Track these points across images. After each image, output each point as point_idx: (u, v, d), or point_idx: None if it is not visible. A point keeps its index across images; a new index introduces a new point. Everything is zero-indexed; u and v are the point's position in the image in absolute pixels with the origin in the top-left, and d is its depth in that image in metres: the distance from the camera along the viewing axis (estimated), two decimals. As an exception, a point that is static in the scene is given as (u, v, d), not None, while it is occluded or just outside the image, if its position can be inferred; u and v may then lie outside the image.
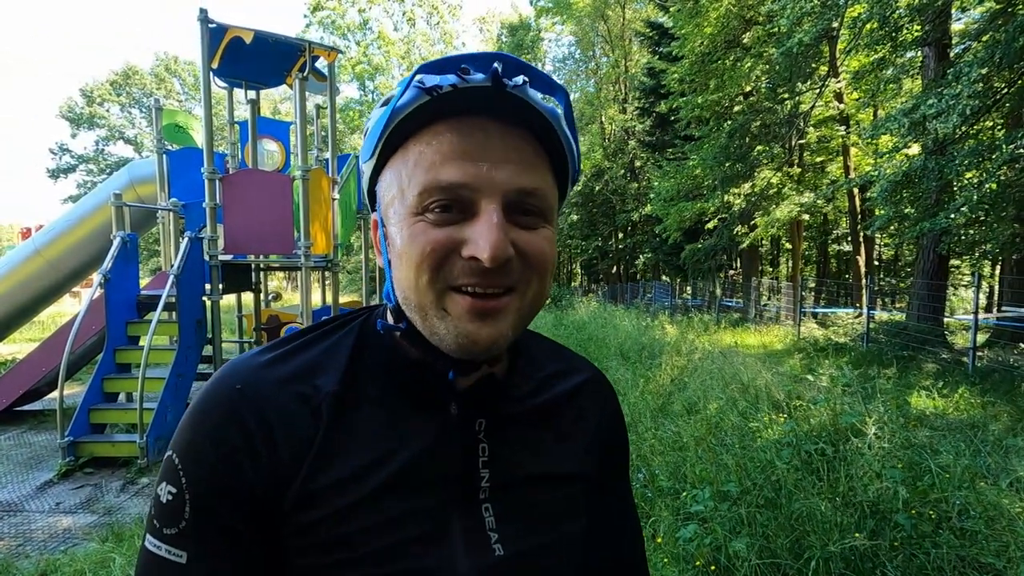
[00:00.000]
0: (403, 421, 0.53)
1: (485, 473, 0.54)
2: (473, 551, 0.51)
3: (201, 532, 0.47)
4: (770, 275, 22.48)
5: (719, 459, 3.25)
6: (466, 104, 0.46)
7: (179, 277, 5.18)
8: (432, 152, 0.46)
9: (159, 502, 0.49)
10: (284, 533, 0.49)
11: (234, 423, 0.48)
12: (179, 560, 0.47)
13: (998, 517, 2.61)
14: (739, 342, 10.49)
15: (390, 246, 0.51)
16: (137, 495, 4.19)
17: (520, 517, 0.55)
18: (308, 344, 0.55)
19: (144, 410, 4.66)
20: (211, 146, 5.43)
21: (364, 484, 0.50)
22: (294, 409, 0.50)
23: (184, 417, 0.51)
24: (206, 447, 0.48)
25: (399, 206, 0.49)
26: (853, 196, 14.19)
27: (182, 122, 8.06)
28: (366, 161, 0.52)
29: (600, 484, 0.64)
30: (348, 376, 0.53)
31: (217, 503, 0.47)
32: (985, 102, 7.19)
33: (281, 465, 0.49)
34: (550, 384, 0.63)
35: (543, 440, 0.59)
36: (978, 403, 5.72)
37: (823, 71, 13.19)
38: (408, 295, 0.49)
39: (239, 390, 0.50)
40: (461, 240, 0.46)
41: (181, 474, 0.48)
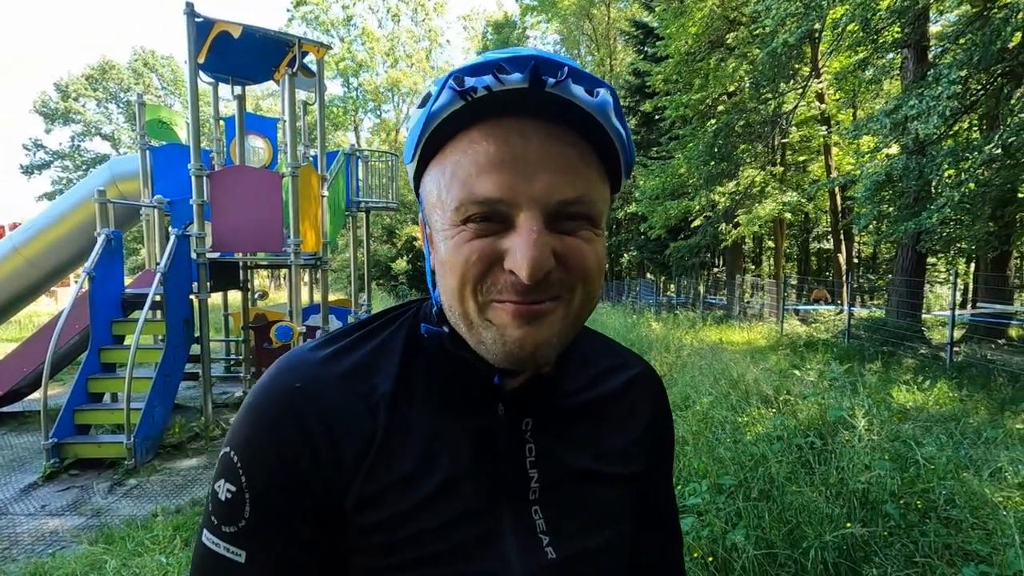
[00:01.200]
0: (452, 422, 0.52)
1: (534, 473, 0.54)
2: (526, 554, 0.51)
3: (261, 531, 0.47)
4: (753, 273, 22.78)
5: (714, 453, 3.30)
6: (504, 107, 0.43)
7: (166, 275, 5.10)
8: (468, 163, 0.44)
9: (217, 499, 0.48)
10: (344, 534, 0.49)
11: (295, 421, 0.48)
12: (238, 559, 0.47)
13: (982, 506, 2.70)
14: (724, 339, 10.62)
15: (434, 251, 0.50)
16: (126, 496, 4.12)
17: (570, 519, 0.54)
18: (361, 341, 0.55)
19: (131, 410, 4.59)
20: (198, 142, 5.35)
21: (420, 486, 0.50)
22: (352, 408, 0.50)
23: (241, 413, 0.50)
24: (266, 445, 0.47)
25: (439, 214, 0.47)
26: (834, 195, 14.44)
27: (166, 118, 7.92)
28: (408, 164, 0.51)
29: (648, 479, 0.64)
30: (401, 376, 0.53)
31: (278, 502, 0.47)
32: (963, 103, 7.37)
33: (342, 465, 0.48)
34: (602, 381, 0.62)
35: (591, 438, 0.59)
36: (956, 397, 5.88)
37: (806, 71, 13.39)
38: (452, 304, 0.48)
39: (299, 388, 0.49)
40: (502, 251, 0.44)
41: (241, 472, 0.47)
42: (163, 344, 5.26)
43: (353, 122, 37.60)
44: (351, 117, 37.11)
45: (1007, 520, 2.43)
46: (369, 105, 37.45)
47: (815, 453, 3.30)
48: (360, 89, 36.62)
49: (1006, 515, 2.50)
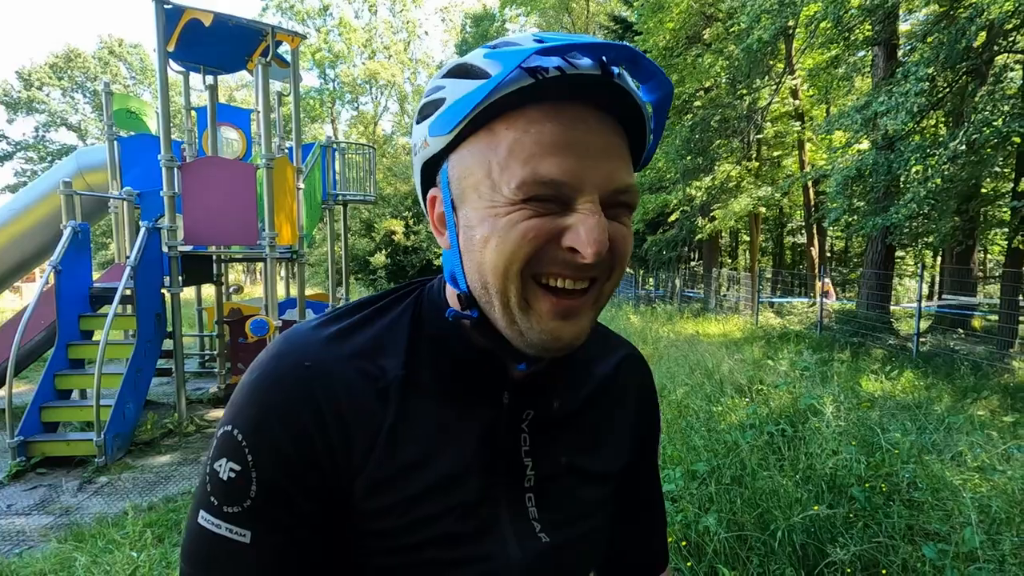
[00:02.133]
0: (459, 408, 0.53)
1: (528, 462, 0.55)
2: (522, 540, 0.53)
3: (268, 511, 0.46)
4: (729, 266, 23.14)
5: (689, 441, 3.36)
6: (568, 91, 0.44)
7: (136, 268, 4.99)
8: (531, 142, 0.44)
9: (218, 479, 0.47)
10: (353, 517, 0.49)
11: (305, 401, 0.47)
12: (242, 539, 0.46)
13: (942, 488, 2.80)
14: (701, 331, 10.79)
15: (465, 228, 0.48)
16: (96, 494, 4.03)
17: (560, 509, 0.56)
18: (367, 320, 0.54)
19: (101, 407, 4.49)
20: (168, 132, 5.23)
21: (428, 471, 0.50)
22: (362, 389, 0.49)
23: (242, 392, 0.49)
24: (275, 424, 0.47)
25: (487, 190, 0.46)
26: (808, 190, 14.73)
27: (135, 108, 7.71)
28: (439, 135, 0.47)
29: (637, 465, 0.66)
30: (410, 359, 0.52)
31: (286, 482, 0.47)
32: (931, 100, 7.58)
33: (353, 448, 0.48)
34: (592, 367, 0.63)
35: (585, 432, 0.60)
36: (921, 385, 6.08)
37: (780, 68, 13.61)
38: (490, 281, 0.47)
39: (308, 367, 0.48)
40: (561, 229, 0.44)
41: (247, 451, 0.46)
42: (134, 339, 5.14)
43: (330, 114, 37.04)
44: (328, 109, 36.55)
45: (965, 501, 2.53)
46: (346, 97, 36.92)
47: (786, 440, 3.39)
48: (337, 81, 36.07)
49: (964, 496, 2.61)
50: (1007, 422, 4.63)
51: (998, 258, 17.94)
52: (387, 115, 38.13)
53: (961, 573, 2.06)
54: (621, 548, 0.67)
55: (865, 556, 2.29)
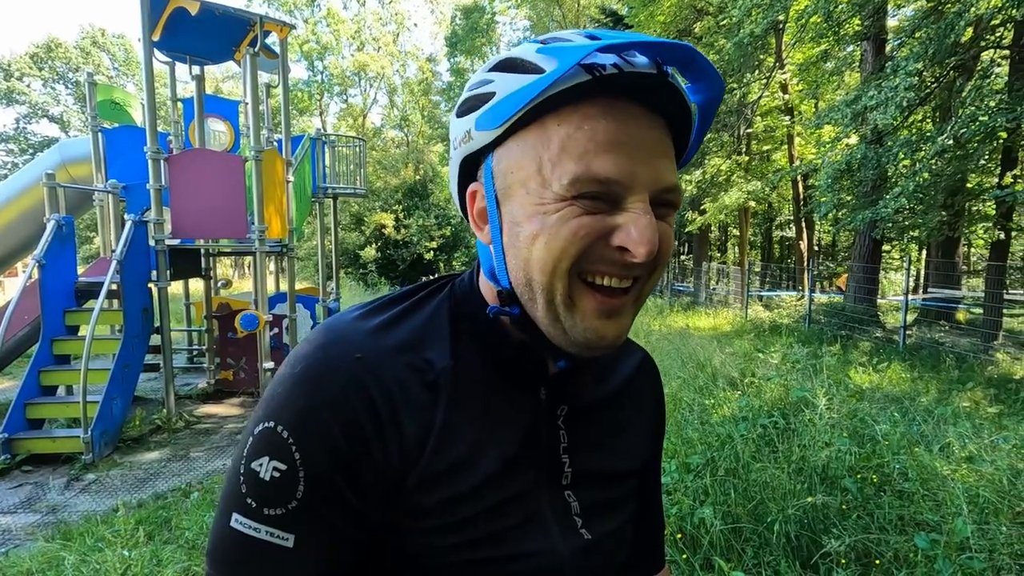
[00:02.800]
0: (503, 403, 0.52)
1: (566, 459, 0.55)
2: (568, 535, 0.53)
3: (315, 511, 0.44)
4: (719, 260, 23.28)
5: (683, 434, 3.38)
6: (622, 89, 0.44)
7: (122, 262, 4.90)
8: (584, 138, 0.43)
9: (258, 479, 0.44)
10: (404, 515, 0.48)
11: (358, 394, 0.45)
12: (284, 543, 0.44)
13: (932, 478, 2.84)
14: (691, 324, 10.86)
15: (510, 224, 0.47)
16: (84, 492, 3.98)
17: (596, 504, 0.57)
18: (408, 312, 0.53)
19: (88, 403, 4.42)
20: (154, 124, 5.13)
21: (477, 467, 0.49)
22: (411, 383, 0.48)
23: (283, 385, 0.47)
24: (326, 415, 0.44)
25: (536, 188, 0.45)
26: (797, 184, 14.83)
27: (119, 99, 7.57)
28: (487, 129, 0.47)
29: (648, 464, 0.67)
30: (455, 351, 0.51)
31: (337, 479, 0.44)
32: (919, 94, 7.64)
33: (407, 442, 0.47)
34: (615, 367, 0.64)
35: (613, 429, 0.60)
36: (908, 377, 6.17)
37: (770, 62, 13.66)
38: (536, 278, 0.46)
39: (358, 360, 0.47)
40: (611, 228, 0.44)
41: (293, 447, 0.44)
42: (121, 334, 5.06)
43: (319, 107, 36.67)
44: (316, 102, 36.17)
45: (955, 491, 2.57)
46: (335, 89, 36.53)
47: (778, 432, 3.42)
48: (326, 73, 35.67)
49: (954, 486, 2.64)
50: (991, 413, 4.71)
51: (982, 252, 18.22)
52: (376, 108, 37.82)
53: (952, 563, 2.09)
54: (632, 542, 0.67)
55: (858, 546, 2.31)
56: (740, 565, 2.21)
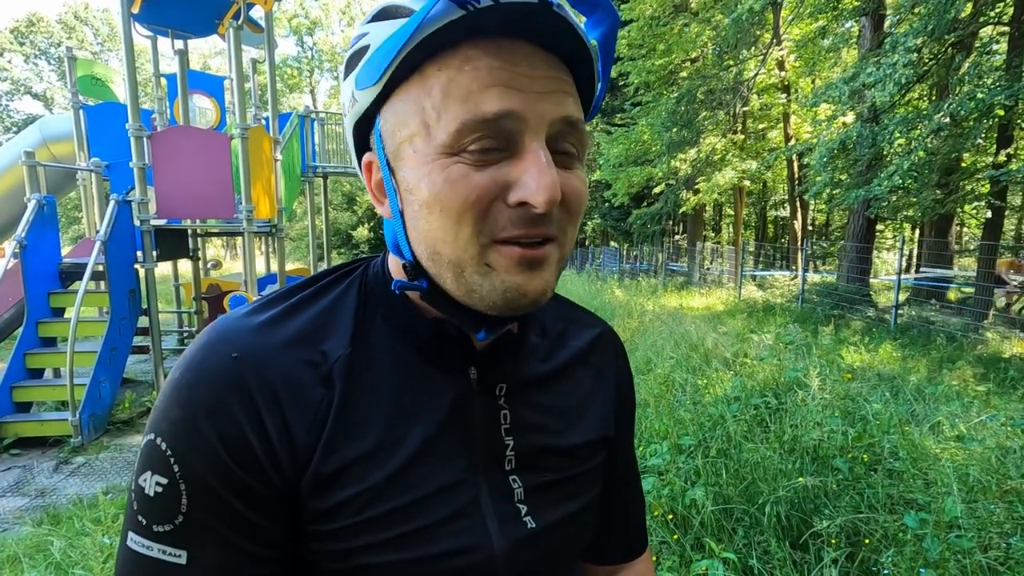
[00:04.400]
0: (420, 387, 0.48)
1: (509, 441, 0.51)
2: (505, 525, 0.49)
3: (203, 526, 0.41)
4: (713, 240, 23.28)
5: (675, 414, 3.37)
6: (501, 24, 0.39)
7: (107, 243, 4.80)
8: (467, 80, 0.39)
9: (144, 495, 0.42)
10: (302, 519, 0.44)
11: (237, 397, 0.42)
12: (177, 560, 0.41)
13: (922, 457, 2.85)
14: (684, 304, 10.87)
15: (405, 192, 0.44)
16: (73, 475, 3.95)
17: (548, 489, 0.52)
18: (304, 303, 0.49)
19: (75, 386, 4.37)
20: (136, 100, 4.99)
21: (389, 459, 0.45)
22: (302, 378, 0.44)
23: (165, 394, 0.43)
24: (203, 426, 0.41)
25: (422, 144, 0.41)
26: (792, 163, 14.75)
27: (100, 74, 7.36)
28: (367, 87, 0.42)
29: (616, 441, 0.62)
30: (358, 339, 0.47)
31: (222, 491, 0.41)
32: (917, 71, 7.55)
33: (296, 443, 0.43)
34: (564, 341, 0.60)
35: (564, 405, 0.56)
36: (899, 356, 6.20)
37: (767, 38, 13.45)
38: (439, 250, 0.42)
39: (236, 359, 0.43)
40: (506, 184, 0.40)
41: (172, 461, 0.41)
42: (108, 316, 4.99)
43: (309, 84, 36.02)
44: (306, 78, 35.51)
45: (945, 470, 2.58)
46: (325, 66, 35.85)
47: (770, 412, 3.42)
48: (315, 49, 34.97)
49: (944, 465, 2.65)
50: (980, 391, 4.74)
51: (974, 231, 18.28)
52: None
53: (941, 541, 2.09)
54: (600, 528, 0.63)
55: (847, 526, 2.32)
56: (731, 545, 2.22)
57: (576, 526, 0.54)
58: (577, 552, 0.57)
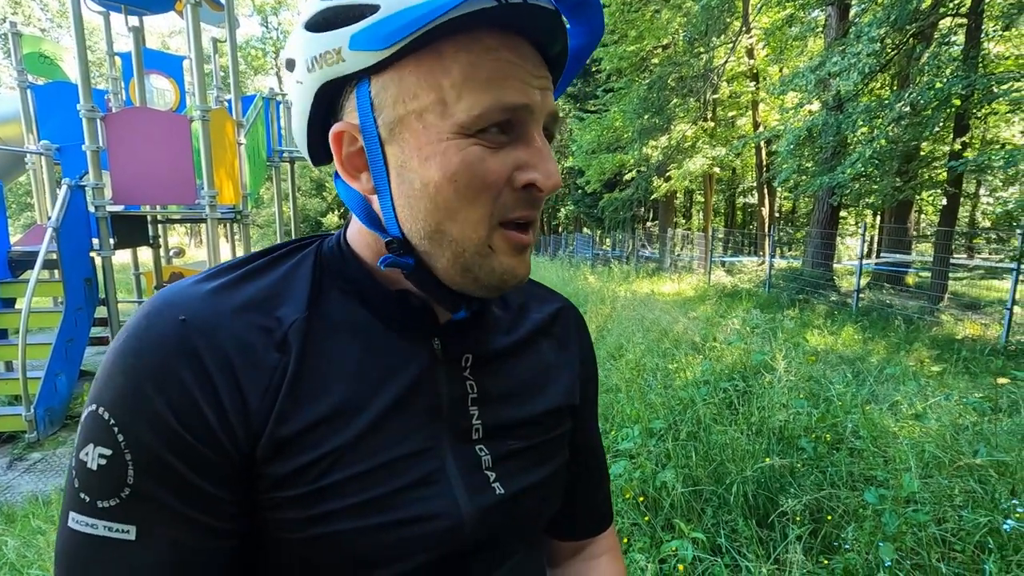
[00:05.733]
0: (382, 355, 0.47)
1: (475, 411, 0.51)
2: (473, 492, 0.49)
3: (152, 498, 0.39)
4: (683, 227, 23.60)
5: (646, 399, 3.42)
6: (517, 21, 0.42)
7: (59, 230, 4.59)
8: (491, 67, 0.41)
9: (86, 469, 0.39)
10: (258, 487, 0.42)
11: (185, 360, 0.40)
12: (125, 536, 0.39)
13: (882, 436, 2.96)
14: (655, 290, 11.01)
15: (398, 167, 0.43)
16: (29, 472, 3.80)
17: (516, 457, 0.52)
18: (258, 271, 0.47)
19: (29, 379, 4.19)
20: (87, 79, 4.75)
21: (349, 424, 0.44)
22: (255, 342, 0.42)
23: (106, 364, 0.41)
24: (149, 392, 0.39)
25: (436, 120, 0.41)
26: (760, 150, 15.00)
27: (49, 52, 6.98)
28: (369, 50, 0.40)
29: (580, 414, 0.63)
30: (313, 304, 0.46)
31: (171, 460, 0.39)
32: (880, 60, 7.72)
33: (250, 409, 0.41)
34: (525, 314, 0.60)
35: (529, 375, 0.56)
36: (860, 338, 6.41)
37: (737, 26, 13.58)
38: (445, 229, 0.43)
39: (184, 322, 0.41)
40: (515, 167, 0.43)
41: (116, 430, 0.39)
42: (63, 306, 4.78)
43: (274, 66, 34.94)
44: (272, 60, 34.42)
45: (903, 448, 2.68)
46: (291, 47, 34.81)
47: (738, 395, 3.50)
48: (280, 29, 33.88)
49: (902, 443, 2.76)
50: (935, 372, 4.94)
51: (931, 218, 18.96)
52: None
53: (899, 516, 2.18)
54: (568, 501, 0.63)
55: (812, 503, 2.39)
56: (700, 525, 2.26)
57: (543, 493, 0.55)
58: (544, 521, 0.57)
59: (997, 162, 6.60)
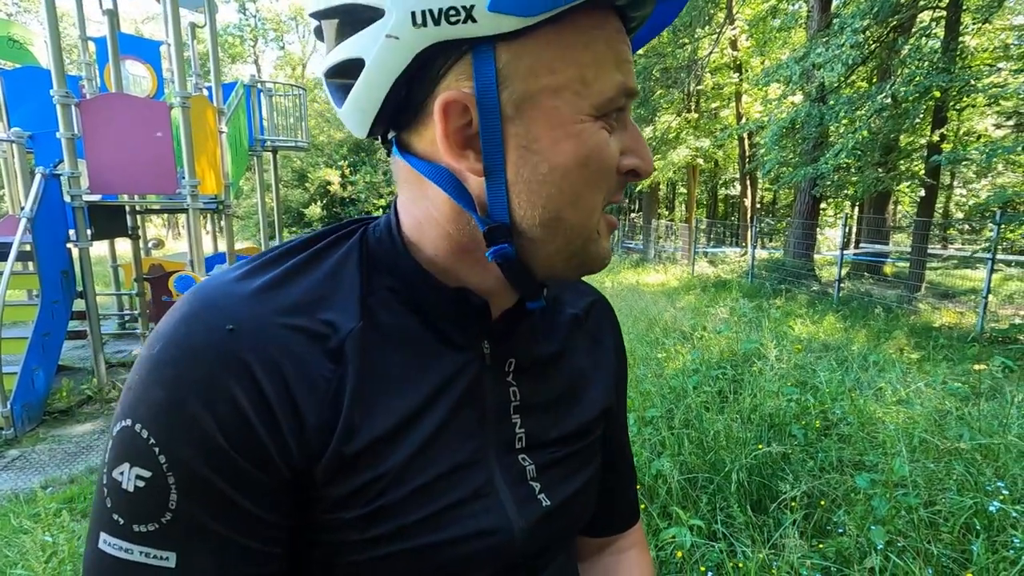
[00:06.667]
0: (433, 363, 0.44)
1: (517, 419, 0.49)
2: (523, 505, 0.47)
3: (195, 523, 0.36)
4: (667, 218, 23.77)
5: (640, 387, 3.43)
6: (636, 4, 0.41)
7: (34, 220, 4.44)
8: (620, 48, 0.40)
9: (120, 490, 0.36)
10: (313, 509, 0.40)
11: (234, 371, 0.36)
12: (164, 564, 0.36)
13: (869, 422, 3.01)
14: (641, 281, 11.08)
15: (521, 148, 0.38)
16: (7, 469, 3.69)
17: (557, 464, 0.51)
18: (302, 267, 0.43)
19: (5, 375, 4.06)
20: (60, 64, 4.58)
21: (406, 441, 0.41)
22: (307, 354, 0.39)
23: (141, 373, 0.37)
24: (195, 409, 0.35)
25: (574, 99, 0.38)
26: (743, 141, 15.15)
27: (18, 36, 6.73)
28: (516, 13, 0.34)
29: (612, 408, 0.61)
30: (366, 310, 0.43)
31: (219, 483, 0.36)
32: (862, 52, 7.81)
33: (307, 426, 0.38)
34: (560, 308, 0.57)
35: (569, 379, 0.55)
36: (841, 327, 6.53)
37: (721, 17, 13.64)
38: (565, 215, 0.40)
39: (232, 332, 0.37)
40: (620, 151, 0.42)
41: (156, 451, 0.35)
42: (38, 300, 4.64)
43: (253, 53, 34.19)
44: (250, 48, 33.67)
45: (890, 433, 2.73)
46: (270, 35, 34.07)
47: (728, 383, 3.53)
48: (258, 16, 33.14)
49: (888, 428, 2.81)
50: (914, 359, 5.05)
51: (908, 209, 19.36)
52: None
53: (888, 500, 2.22)
54: (603, 499, 0.62)
55: (805, 489, 2.43)
56: (696, 513, 2.28)
57: (583, 499, 0.54)
58: (582, 526, 0.56)
59: (976, 155, 6.74)
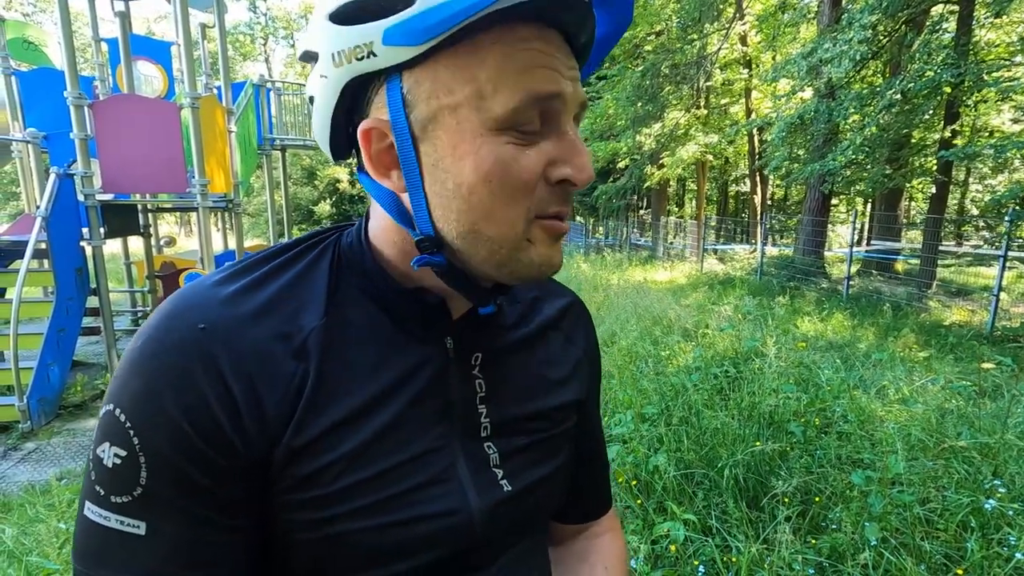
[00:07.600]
0: (398, 354, 0.48)
1: (483, 409, 0.52)
2: (483, 489, 0.50)
3: (163, 498, 0.40)
4: (676, 215, 23.64)
5: (639, 385, 3.46)
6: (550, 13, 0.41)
7: (48, 219, 4.54)
8: (525, 58, 0.40)
9: (102, 465, 0.41)
10: (274, 490, 0.44)
11: (203, 369, 0.40)
12: (136, 531, 0.40)
13: (869, 420, 3.02)
14: (648, 278, 11.06)
15: (431, 166, 0.42)
16: (23, 461, 3.80)
17: (521, 453, 0.54)
18: (275, 272, 0.47)
19: (21, 370, 4.17)
20: (74, 65, 4.68)
21: (365, 426, 0.45)
22: (273, 351, 0.43)
23: (125, 365, 0.42)
24: (167, 399, 0.40)
25: (471, 115, 0.40)
26: (752, 137, 15.03)
27: (33, 37, 6.86)
28: (405, 44, 0.39)
29: (584, 403, 0.64)
30: (331, 308, 0.47)
31: (183, 464, 0.40)
32: (872, 48, 7.73)
33: (267, 417, 0.42)
34: (535, 310, 0.60)
35: (537, 370, 0.57)
36: (849, 325, 6.49)
37: (730, 13, 13.52)
38: (482, 228, 0.42)
39: (204, 330, 0.41)
40: (547, 162, 0.42)
41: (132, 433, 0.40)
42: (53, 296, 4.75)
43: (263, 52, 34.42)
44: (260, 47, 33.90)
45: (889, 431, 2.74)
46: (280, 33, 34.28)
47: (729, 380, 3.54)
48: (269, 15, 33.35)
49: (888, 427, 2.81)
50: (922, 357, 5.02)
51: (921, 205, 19.11)
52: None
53: (884, 497, 2.23)
54: (573, 487, 0.65)
55: (800, 485, 2.44)
56: (691, 508, 2.31)
57: (550, 487, 0.56)
58: (550, 513, 0.60)
59: (987, 150, 6.66)
